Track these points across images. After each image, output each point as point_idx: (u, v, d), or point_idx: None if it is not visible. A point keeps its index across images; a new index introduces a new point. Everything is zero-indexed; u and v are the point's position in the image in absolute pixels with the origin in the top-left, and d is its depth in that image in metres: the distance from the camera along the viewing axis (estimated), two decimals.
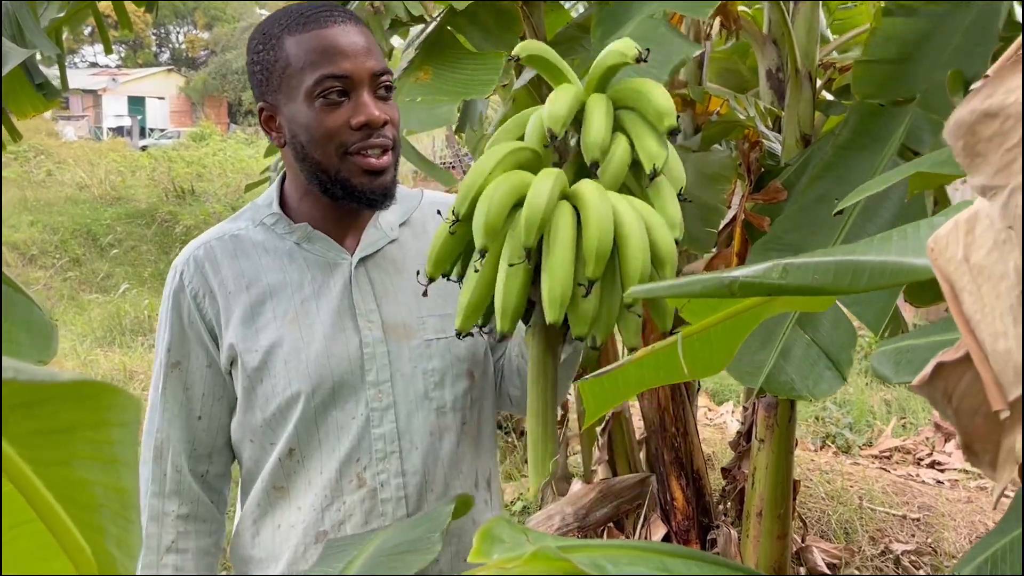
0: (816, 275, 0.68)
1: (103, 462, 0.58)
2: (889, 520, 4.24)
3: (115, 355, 7.16)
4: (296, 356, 1.36)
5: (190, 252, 1.44)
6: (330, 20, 1.33)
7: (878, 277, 0.66)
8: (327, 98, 1.31)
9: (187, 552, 1.42)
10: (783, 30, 2.96)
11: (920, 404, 6.04)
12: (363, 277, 1.43)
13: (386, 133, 1.34)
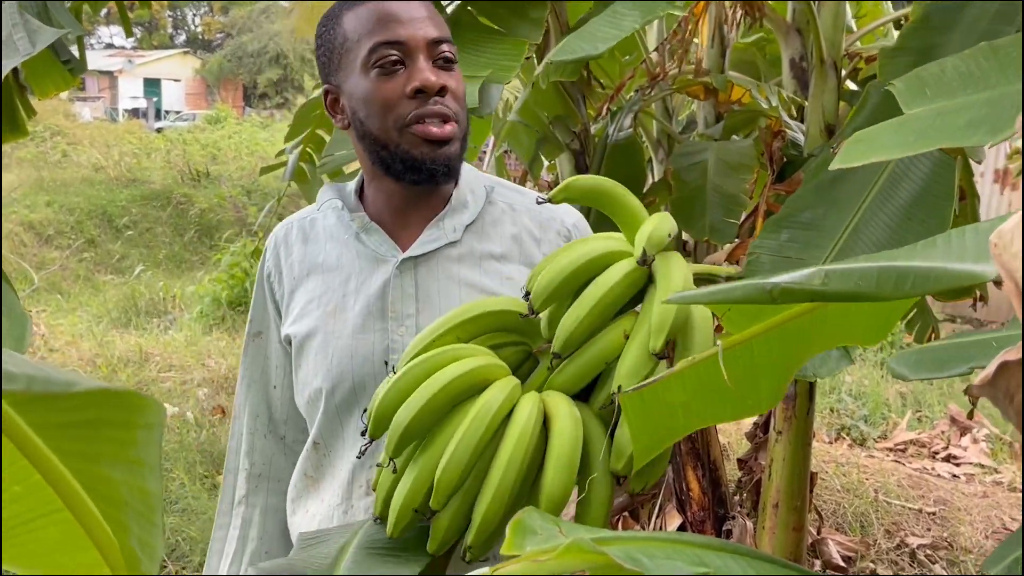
0: (859, 281, 0.66)
1: (128, 462, 0.57)
2: (905, 513, 4.21)
3: (131, 336, 7.18)
4: (324, 350, 1.34)
5: (275, 231, 1.47)
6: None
7: (922, 283, 0.64)
8: (382, 67, 1.25)
9: (255, 507, 1.47)
10: (808, 18, 2.92)
11: (936, 398, 5.99)
12: (408, 278, 1.34)
13: (446, 102, 1.26)
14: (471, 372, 1.03)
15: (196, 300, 8.85)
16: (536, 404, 1.02)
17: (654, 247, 1.01)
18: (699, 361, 0.84)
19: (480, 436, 0.99)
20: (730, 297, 0.75)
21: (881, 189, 1.86)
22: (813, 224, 1.93)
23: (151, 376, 6.03)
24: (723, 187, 2.88)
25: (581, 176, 1.12)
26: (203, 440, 4.92)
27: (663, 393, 0.85)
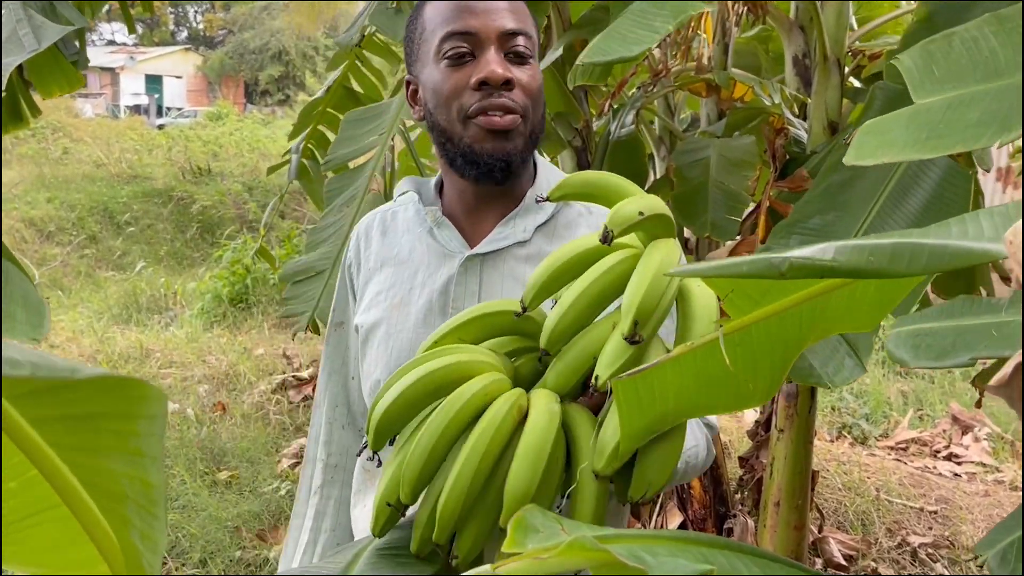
0: (871, 257, 0.64)
1: (129, 454, 0.56)
2: (906, 512, 4.21)
3: (132, 333, 7.18)
4: (386, 343, 1.33)
5: (359, 222, 1.47)
6: None
7: (937, 259, 0.62)
8: (451, 58, 1.23)
9: (330, 499, 1.47)
10: (811, 15, 2.91)
11: (937, 396, 5.99)
12: (473, 276, 1.31)
13: (512, 95, 1.22)
14: (450, 366, 0.99)
15: (197, 297, 8.85)
16: (511, 399, 0.96)
17: (617, 224, 0.94)
18: (697, 347, 0.83)
19: (446, 426, 0.95)
20: (736, 271, 0.72)
21: (891, 195, 1.85)
22: (822, 230, 1.93)
23: (152, 372, 6.03)
24: (725, 184, 2.88)
25: (577, 173, 1.08)
26: (203, 437, 4.92)
27: (658, 380, 0.83)
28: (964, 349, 1.36)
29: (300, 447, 4.80)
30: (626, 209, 0.95)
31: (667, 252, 0.95)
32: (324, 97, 3.31)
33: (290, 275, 2.24)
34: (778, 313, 0.79)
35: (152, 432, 0.56)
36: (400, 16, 2.21)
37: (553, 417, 0.94)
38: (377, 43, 3.19)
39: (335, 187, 2.32)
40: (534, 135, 1.27)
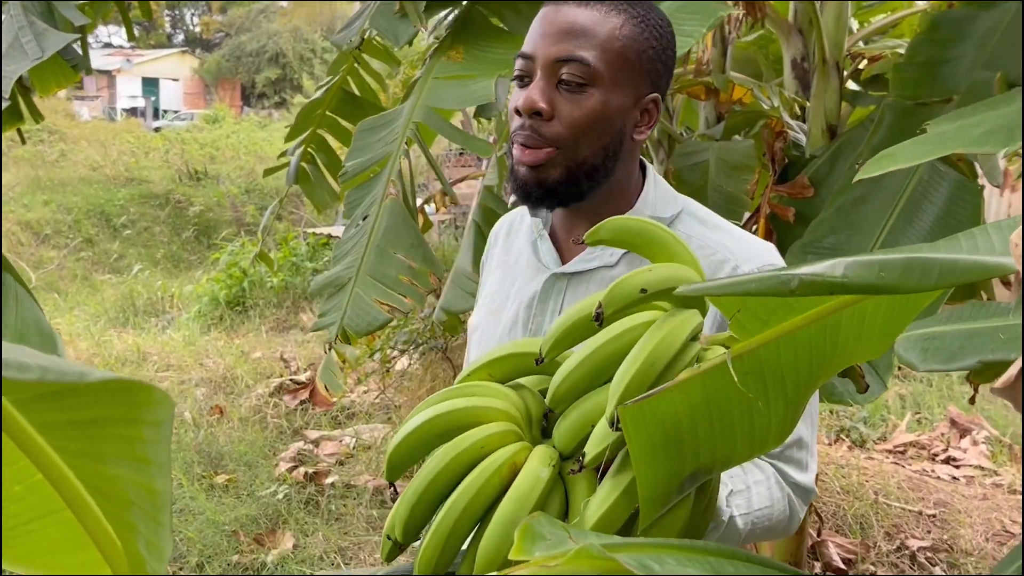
0: (883, 272, 0.63)
1: (134, 460, 0.56)
2: (905, 516, 4.20)
3: (128, 336, 7.17)
4: (478, 347, 1.36)
5: (497, 222, 1.49)
6: (549, 4, 1.24)
7: (948, 274, 0.62)
8: (516, 77, 1.24)
9: None
10: (810, 18, 2.91)
11: (935, 400, 5.99)
12: (556, 294, 1.29)
13: (538, 126, 1.20)
14: (458, 410, 0.97)
15: (194, 300, 8.84)
16: (506, 455, 0.94)
17: (612, 303, 0.90)
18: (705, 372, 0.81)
19: (436, 474, 0.94)
20: (745, 289, 0.71)
21: (902, 213, 1.86)
22: (837, 249, 1.94)
23: (149, 376, 6.01)
24: (724, 187, 2.87)
25: (617, 218, 1.03)
26: (201, 440, 4.90)
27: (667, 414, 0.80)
28: (972, 352, 1.35)
29: (298, 451, 4.79)
30: (628, 284, 0.90)
31: (673, 329, 0.89)
32: (322, 99, 3.29)
33: (320, 289, 2.25)
34: (786, 335, 0.78)
35: (158, 438, 0.56)
36: (402, 20, 2.21)
37: (536, 484, 0.90)
38: (376, 46, 3.18)
39: (354, 198, 2.33)
40: (582, 166, 1.22)
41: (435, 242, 9.98)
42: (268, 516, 4.12)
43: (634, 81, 1.21)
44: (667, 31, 1.25)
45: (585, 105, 1.19)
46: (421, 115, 2.14)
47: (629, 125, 1.24)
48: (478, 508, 0.92)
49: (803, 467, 1.22)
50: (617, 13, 1.20)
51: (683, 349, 0.88)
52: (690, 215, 1.30)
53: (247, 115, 28.34)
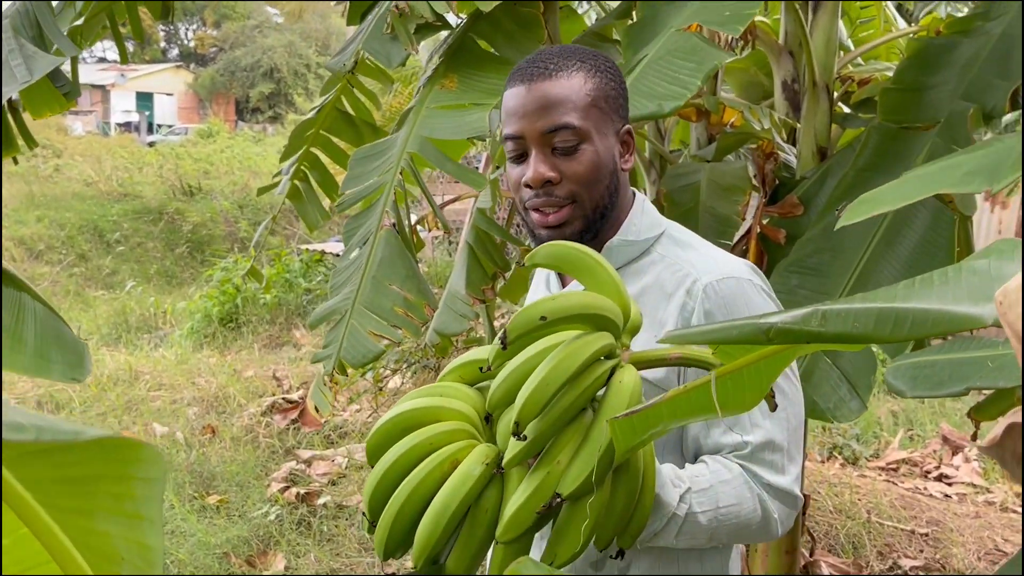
0: (856, 323, 0.66)
1: (125, 516, 0.56)
2: (897, 535, 4.21)
3: (120, 354, 7.14)
4: None
5: None
6: (521, 77, 1.36)
7: (920, 326, 0.64)
8: (511, 158, 1.38)
9: None
10: (800, 40, 2.94)
11: (927, 416, 6.00)
12: None
13: (556, 191, 1.34)
14: (419, 409, 1.13)
15: (187, 316, 8.82)
16: (449, 452, 1.08)
17: (514, 329, 1.03)
18: (690, 389, 0.85)
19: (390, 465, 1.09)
20: (727, 337, 0.76)
21: (883, 237, 1.90)
22: (819, 269, 1.97)
23: (141, 395, 5.99)
24: (716, 208, 2.89)
25: (551, 243, 1.17)
26: (192, 460, 4.88)
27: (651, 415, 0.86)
28: (960, 379, 1.36)
29: (290, 470, 4.77)
30: (530, 312, 1.03)
31: (571, 352, 1.01)
32: (316, 119, 3.30)
33: (319, 320, 2.26)
34: (766, 357, 0.81)
35: (150, 495, 0.56)
36: (402, 21, 2.22)
37: (467, 479, 1.04)
38: (370, 65, 3.19)
39: (351, 227, 2.34)
40: (596, 210, 1.37)
41: (428, 258, 9.98)
42: (260, 537, 4.10)
43: (610, 123, 1.37)
44: (614, 67, 1.41)
45: (584, 160, 1.34)
46: (416, 146, 2.16)
47: (617, 160, 1.39)
48: (419, 497, 1.06)
49: (778, 469, 1.26)
50: (575, 72, 1.35)
51: (585, 368, 1.01)
52: (668, 237, 1.43)
53: (241, 130, 28.37)
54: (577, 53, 1.38)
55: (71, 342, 1.23)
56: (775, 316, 0.71)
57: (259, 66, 36.08)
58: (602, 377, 1.03)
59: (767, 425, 1.27)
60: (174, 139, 24.95)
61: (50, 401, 5.80)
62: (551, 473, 1.02)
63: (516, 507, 1.02)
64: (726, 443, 1.27)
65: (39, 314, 1.36)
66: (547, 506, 1.01)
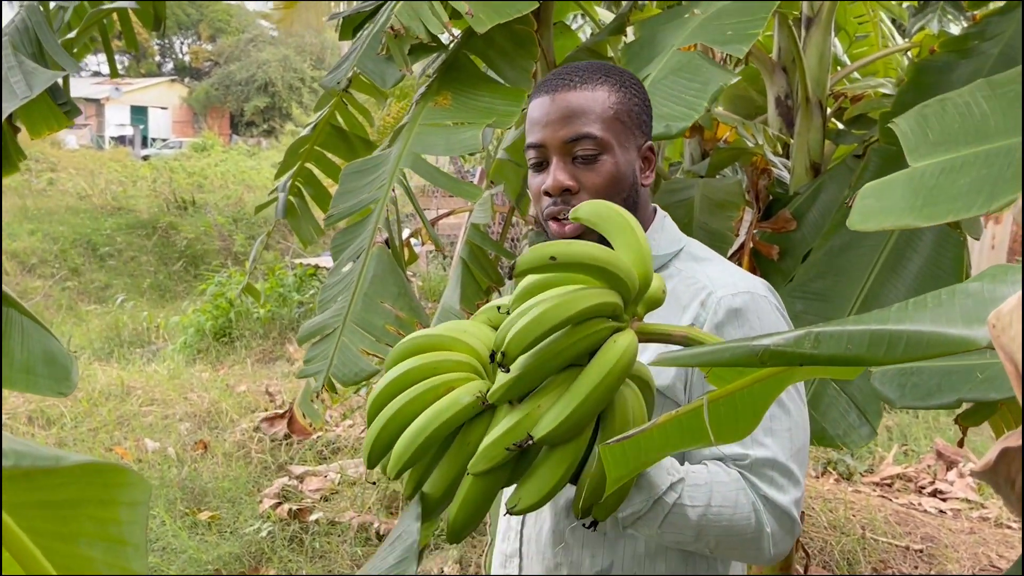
0: (849, 345, 0.66)
1: (109, 541, 0.55)
2: (892, 551, 4.19)
3: (113, 369, 7.11)
4: None
5: None
6: (547, 88, 1.39)
7: (914, 348, 0.64)
8: (532, 166, 1.40)
9: None
10: (793, 57, 2.95)
11: (922, 431, 6.00)
12: None
13: (573, 201, 1.34)
14: (436, 335, 1.15)
15: (180, 330, 8.79)
16: (447, 378, 1.09)
17: (522, 264, 1.02)
18: (682, 414, 0.84)
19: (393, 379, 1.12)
20: (719, 360, 0.76)
21: (887, 261, 1.89)
22: (824, 294, 1.96)
23: (132, 410, 5.96)
24: (709, 224, 2.88)
25: (592, 201, 1.18)
26: (184, 476, 4.85)
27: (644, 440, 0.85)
28: (950, 390, 1.36)
29: (282, 486, 4.74)
30: (541, 250, 1.02)
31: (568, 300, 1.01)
32: (311, 135, 3.31)
33: (308, 336, 2.24)
34: (762, 380, 0.80)
35: (134, 519, 0.55)
36: (388, 62, 2.22)
37: (453, 405, 1.05)
38: (364, 81, 3.20)
39: (341, 242, 2.33)
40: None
41: (422, 272, 9.97)
42: (251, 554, 4.07)
43: (632, 137, 1.38)
44: (638, 83, 1.43)
45: (603, 171, 1.35)
46: (408, 162, 2.15)
47: (637, 175, 1.40)
48: (408, 413, 1.07)
49: (778, 487, 1.24)
50: (600, 85, 1.37)
51: (583, 318, 1.01)
52: (687, 253, 1.44)
53: (236, 144, 28.40)
54: (603, 68, 1.40)
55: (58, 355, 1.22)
56: (767, 339, 0.71)
57: (254, 80, 36.16)
58: (601, 333, 1.02)
59: (769, 443, 1.25)
60: (168, 153, 24.96)
61: (41, 417, 5.77)
62: (529, 415, 1.01)
63: (490, 441, 1.02)
64: (727, 453, 1.26)
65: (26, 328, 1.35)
66: (518, 445, 1.00)
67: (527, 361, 1.01)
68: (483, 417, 1.08)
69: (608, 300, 1.03)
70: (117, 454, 5.17)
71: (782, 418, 1.28)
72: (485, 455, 1.02)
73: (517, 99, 2.19)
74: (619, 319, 1.05)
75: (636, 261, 1.08)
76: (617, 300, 1.04)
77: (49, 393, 1.38)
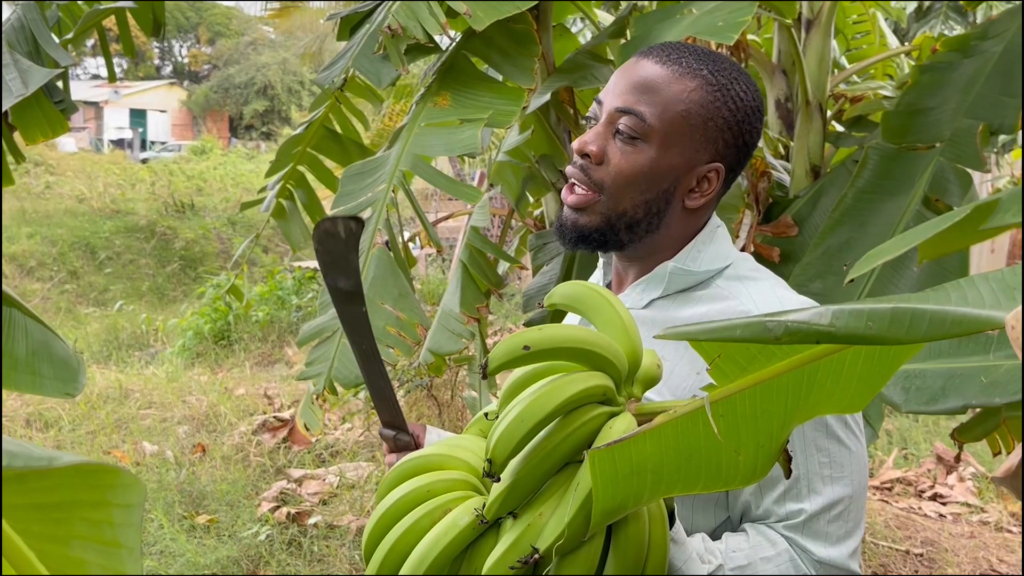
0: (870, 322, 0.61)
1: (103, 543, 0.54)
2: (892, 555, 4.18)
3: (111, 372, 7.09)
4: None
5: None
6: (644, 52, 1.26)
7: (938, 326, 0.59)
8: (587, 119, 1.28)
9: None
10: (793, 59, 2.94)
11: (922, 435, 5.99)
12: None
13: (588, 168, 1.22)
14: (432, 456, 1.10)
15: (178, 333, 8.77)
16: (443, 500, 1.04)
17: (495, 359, 0.93)
18: (679, 417, 0.81)
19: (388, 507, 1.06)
20: (731, 336, 0.69)
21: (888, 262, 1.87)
22: (823, 294, 1.94)
23: (131, 413, 5.94)
24: None
25: (565, 283, 1.08)
26: (182, 480, 4.84)
27: (635, 453, 0.81)
28: (955, 394, 1.34)
29: (280, 490, 4.73)
30: (513, 340, 0.93)
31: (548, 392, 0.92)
32: (303, 136, 3.29)
33: (308, 338, 2.23)
34: (763, 382, 0.78)
35: (128, 522, 0.54)
36: (384, 61, 2.21)
37: (452, 528, 0.98)
38: (359, 84, 3.19)
39: None
40: (622, 217, 1.23)
41: (421, 275, 9.97)
42: (250, 557, 4.06)
43: (692, 146, 1.20)
44: (748, 105, 1.22)
45: (633, 158, 1.20)
46: (408, 163, 2.15)
47: (680, 188, 1.23)
48: (407, 544, 1.01)
49: (832, 541, 1.10)
50: (693, 77, 1.20)
51: (570, 407, 0.92)
52: (733, 271, 1.26)
53: (234, 147, 28.40)
54: (716, 64, 1.22)
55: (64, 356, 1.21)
56: (784, 316, 0.65)
57: (253, 83, 36.17)
58: (595, 421, 0.92)
59: (827, 491, 1.10)
60: (167, 156, 24.95)
61: (39, 419, 5.75)
62: (532, 525, 0.92)
63: (492, 561, 0.94)
64: (779, 513, 1.11)
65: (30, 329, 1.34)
66: (523, 561, 0.90)
67: (518, 466, 0.93)
68: (488, 536, 0.99)
69: (596, 384, 0.93)
70: (115, 457, 5.15)
71: (841, 458, 1.12)
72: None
73: (517, 98, 2.18)
74: (613, 403, 0.95)
75: (620, 337, 0.99)
76: (606, 382, 0.94)
77: (55, 394, 1.37)
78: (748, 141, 1.23)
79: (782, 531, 1.10)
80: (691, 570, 1.02)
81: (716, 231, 1.27)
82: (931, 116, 2.05)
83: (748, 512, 1.14)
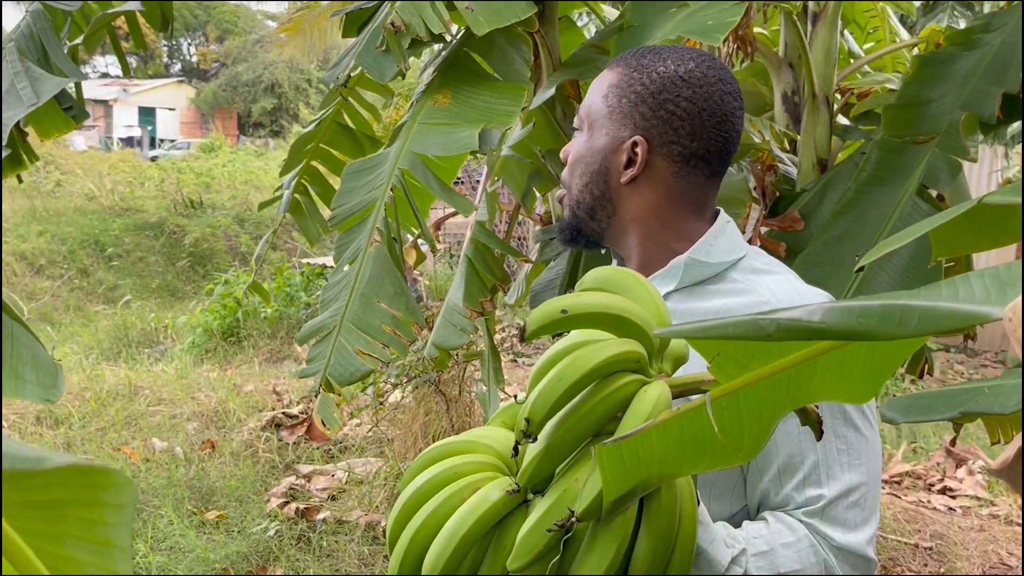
0: (860, 319, 0.63)
1: (96, 543, 0.54)
2: (901, 549, 4.17)
3: (120, 369, 7.12)
4: None
5: None
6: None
7: (928, 322, 0.60)
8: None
9: None
10: (800, 53, 2.93)
11: (931, 429, 5.97)
12: None
13: (564, 172, 1.34)
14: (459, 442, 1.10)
15: (188, 330, 8.80)
16: (471, 479, 1.03)
17: (533, 322, 0.93)
18: (683, 412, 0.82)
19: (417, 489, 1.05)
20: (723, 333, 0.69)
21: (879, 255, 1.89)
22: (820, 283, 1.95)
23: (140, 410, 5.97)
24: None
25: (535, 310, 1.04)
26: (192, 476, 4.86)
27: (642, 446, 0.82)
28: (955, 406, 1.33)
29: (289, 486, 4.75)
30: (551, 304, 0.94)
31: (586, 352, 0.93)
32: (316, 132, 3.29)
33: (307, 336, 2.24)
34: (766, 378, 0.78)
35: (120, 521, 0.54)
36: (387, 56, 2.21)
37: (482, 503, 0.97)
38: (370, 78, 3.19)
39: (343, 243, 2.33)
40: (580, 204, 1.32)
41: (429, 271, 9.98)
42: (259, 553, 4.07)
43: (613, 125, 1.26)
44: (667, 75, 1.23)
45: (573, 148, 1.32)
46: (407, 162, 2.15)
47: (612, 167, 1.27)
48: (436, 523, 1.00)
49: (850, 527, 1.12)
50: (617, 66, 1.29)
51: (606, 370, 0.92)
52: (747, 263, 1.26)
53: (243, 144, 28.46)
54: (641, 52, 1.28)
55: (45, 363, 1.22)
56: (775, 314, 0.67)
57: (261, 81, 36.25)
58: (629, 387, 0.92)
59: (845, 477, 1.12)
60: (176, 154, 25.02)
61: (49, 417, 5.78)
62: (568, 490, 0.91)
63: (528, 527, 0.92)
64: (797, 499, 1.12)
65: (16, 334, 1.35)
66: (560, 524, 0.89)
67: (553, 429, 0.92)
68: (516, 515, 0.98)
69: (631, 349, 0.94)
70: (125, 454, 5.18)
71: (859, 445, 1.14)
72: (524, 546, 0.91)
73: (517, 97, 2.18)
74: (645, 373, 0.95)
75: (652, 312, 0.99)
76: (640, 350, 0.95)
77: (36, 399, 1.38)
78: (672, 110, 1.23)
79: (801, 517, 1.11)
80: (716, 551, 1.04)
81: (726, 226, 1.28)
82: (931, 108, 2.05)
83: (767, 500, 1.15)
